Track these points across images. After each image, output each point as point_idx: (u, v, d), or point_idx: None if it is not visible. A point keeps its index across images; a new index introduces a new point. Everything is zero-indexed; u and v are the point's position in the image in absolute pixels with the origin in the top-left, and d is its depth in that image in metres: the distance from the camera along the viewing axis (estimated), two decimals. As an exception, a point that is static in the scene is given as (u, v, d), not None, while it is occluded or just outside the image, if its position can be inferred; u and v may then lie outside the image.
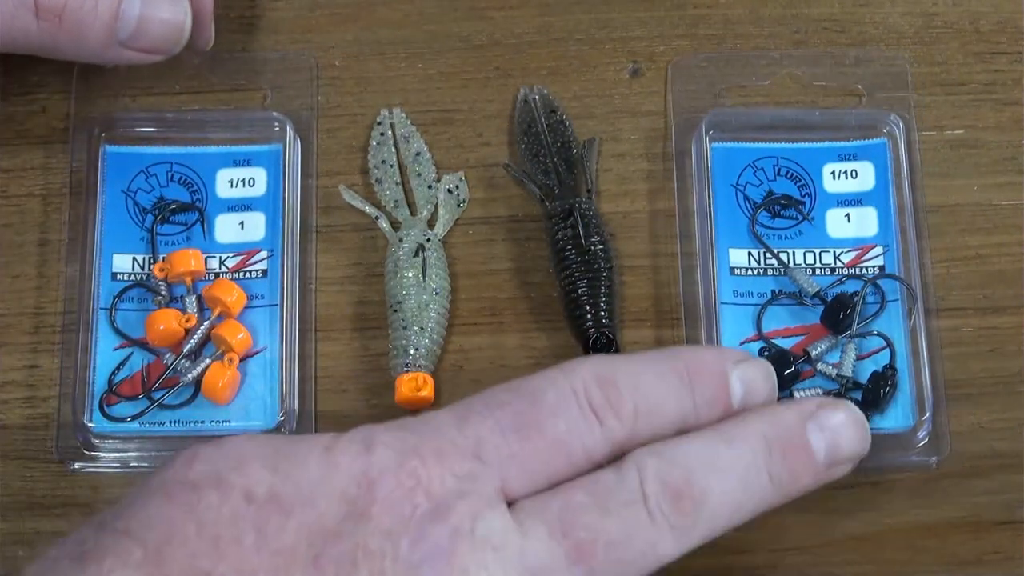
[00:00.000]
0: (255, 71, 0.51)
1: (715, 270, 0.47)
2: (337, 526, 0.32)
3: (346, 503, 0.33)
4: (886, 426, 0.45)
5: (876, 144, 0.49)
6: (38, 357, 0.47)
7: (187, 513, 0.32)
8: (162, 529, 0.32)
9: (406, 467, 0.34)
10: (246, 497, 0.32)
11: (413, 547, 0.32)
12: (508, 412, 0.35)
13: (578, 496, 0.35)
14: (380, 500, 0.33)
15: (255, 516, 0.32)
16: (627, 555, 0.35)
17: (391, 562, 0.32)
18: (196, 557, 0.31)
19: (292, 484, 0.33)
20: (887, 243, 0.48)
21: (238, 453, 0.34)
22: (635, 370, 0.37)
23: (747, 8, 0.52)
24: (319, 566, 0.32)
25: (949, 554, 0.45)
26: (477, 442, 0.35)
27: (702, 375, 0.38)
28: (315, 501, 0.33)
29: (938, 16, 0.52)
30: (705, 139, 0.49)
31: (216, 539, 0.31)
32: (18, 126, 0.50)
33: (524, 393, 0.36)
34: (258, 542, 0.32)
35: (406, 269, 0.47)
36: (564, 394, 0.36)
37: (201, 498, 0.32)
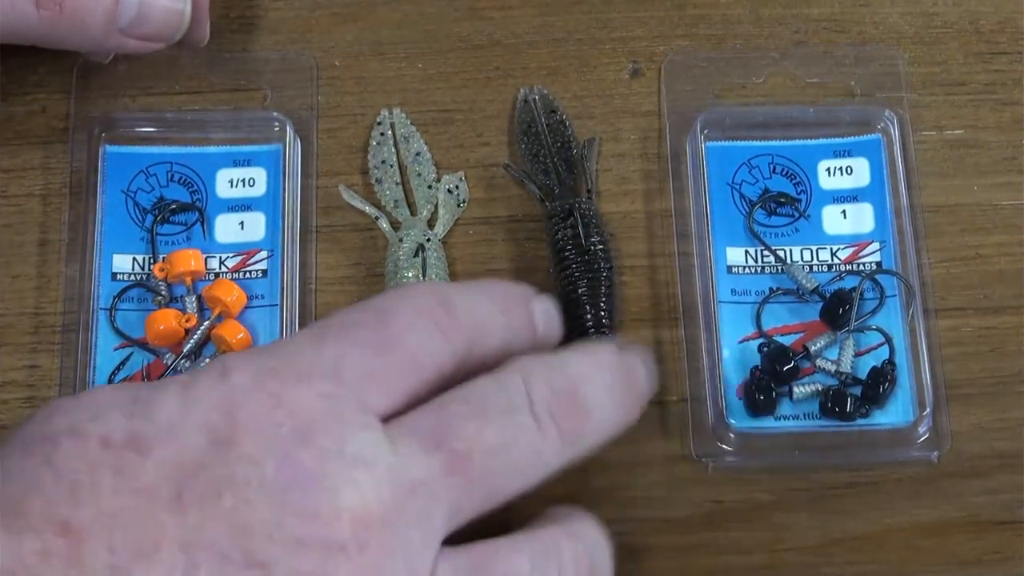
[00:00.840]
0: (255, 71, 0.51)
1: (713, 269, 0.47)
2: (199, 458, 0.32)
3: (207, 432, 0.32)
4: (886, 422, 0.45)
5: (870, 140, 0.49)
6: (38, 357, 0.47)
7: (44, 464, 0.31)
8: (19, 481, 0.31)
9: (266, 388, 0.33)
10: (103, 443, 0.32)
11: (279, 471, 0.32)
12: (362, 331, 0.36)
13: (453, 406, 0.35)
14: (242, 425, 0.32)
15: (113, 460, 0.31)
16: (509, 464, 0.35)
17: (257, 489, 0.32)
18: (54, 505, 0.31)
19: (150, 424, 0.32)
20: (883, 239, 0.48)
21: (94, 403, 0.33)
22: (466, 293, 0.38)
23: (747, 8, 0.52)
24: (182, 501, 0.31)
25: (949, 554, 0.45)
26: (335, 361, 0.35)
27: (514, 304, 0.40)
28: (174, 436, 0.32)
29: (938, 16, 0.53)
30: (700, 138, 0.49)
31: (74, 486, 0.31)
32: (18, 126, 0.50)
33: (373, 311, 0.36)
34: (117, 485, 0.31)
35: (406, 269, 0.47)
36: (410, 312, 0.36)
37: (58, 448, 0.32)
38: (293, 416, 0.33)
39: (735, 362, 0.46)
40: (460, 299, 0.38)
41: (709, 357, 0.46)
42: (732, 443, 0.45)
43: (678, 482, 0.46)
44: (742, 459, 0.45)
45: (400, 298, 0.37)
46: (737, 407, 0.46)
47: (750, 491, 0.46)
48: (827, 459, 0.45)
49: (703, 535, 0.45)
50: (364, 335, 0.36)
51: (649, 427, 0.46)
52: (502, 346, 0.39)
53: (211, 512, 0.31)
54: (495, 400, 0.36)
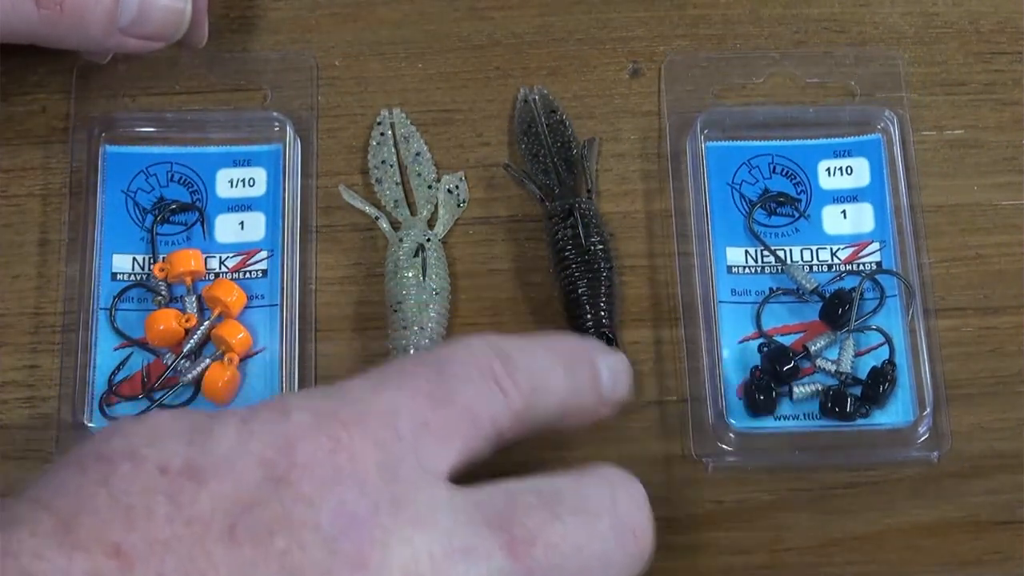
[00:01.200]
0: (255, 71, 0.51)
1: (713, 269, 0.47)
2: (254, 493, 0.32)
3: (263, 468, 0.32)
4: (886, 421, 0.45)
5: (870, 140, 0.49)
6: (38, 357, 0.47)
7: (99, 484, 0.31)
8: (73, 499, 0.31)
9: (325, 430, 0.33)
10: (160, 469, 0.32)
11: (334, 517, 0.32)
12: (420, 381, 0.35)
13: (527, 497, 0.35)
14: (299, 465, 0.32)
15: (168, 487, 0.31)
16: (575, 565, 0.35)
17: (311, 532, 0.31)
18: (107, 527, 0.30)
19: (207, 454, 0.32)
20: (884, 239, 0.48)
21: (154, 428, 0.33)
22: (528, 349, 0.38)
23: (747, 8, 0.52)
24: (234, 536, 0.31)
25: (949, 554, 0.45)
26: (393, 409, 0.34)
27: (578, 361, 0.39)
28: (231, 469, 0.32)
29: (938, 16, 0.53)
30: (700, 138, 0.49)
31: (128, 510, 0.31)
32: (18, 126, 0.50)
33: (432, 364, 0.36)
34: (171, 512, 0.31)
35: (406, 269, 0.47)
36: (468, 365, 0.36)
37: (114, 470, 0.32)
38: (351, 462, 0.33)
39: (735, 362, 0.46)
40: (520, 354, 0.37)
41: (709, 357, 0.46)
42: (732, 443, 0.45)
43: (678, 482, 0.46)
44: (742, 459, 0.45)
45: (458, 350, 0.37)
46: (737, 407, 0.46)
47: (750, 491, 0.46)
48: (827, 459, 0.46)
49: (703, 535, 0.45)
50: (421, 385, 0.35)
51: (649, 427, 0.46)
52: (564, 404, 0.38)
53: (263, 550, 0.31)
54: (572, 498, 0.36)
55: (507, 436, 0.37)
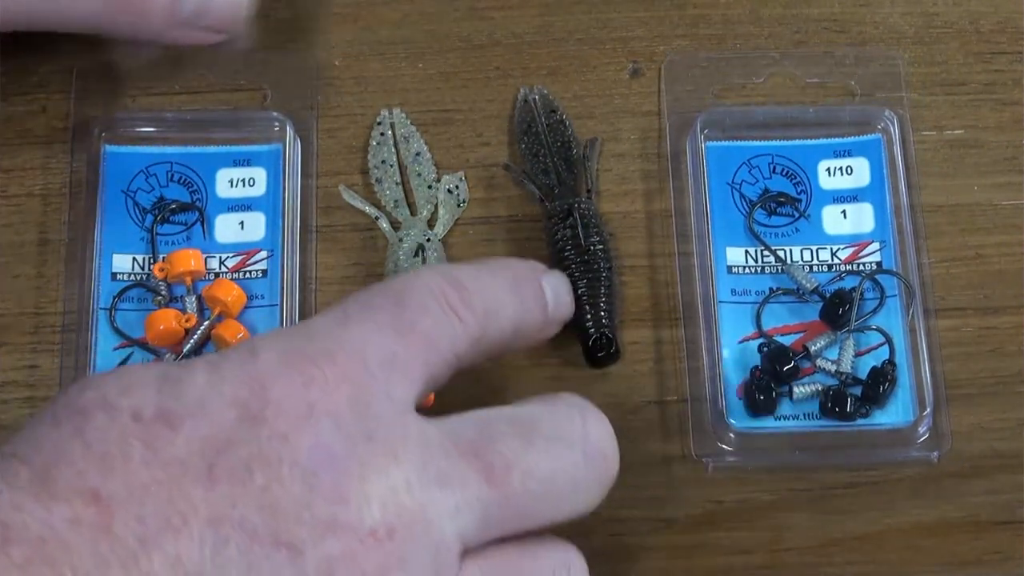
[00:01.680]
0: (255, 71, 0.51)
1: (713, 269, 0.47)
2: (230, 434, 0.32)
3: (237, 408, 0.32)
4: (887, 421, 0.45)
5: (871, 140, 0.49)
6: (38, 357, 0.47)
7: (74, 435, 0.32)
8: (49, 451, 0.31)
9: (296, 367, 0.33)
10: (134, 416, 0.32)
11: (310, 453, 0.32)
12: (382, 314, 0.36)
13: (499, 425, 0.35)
14: (272, 403, 0.32)
15: (143, 433, 0.31)
16: (549, 491, 0.35)
17: (288, 468, 0.32)
18: (84, 475, 0.31)
19: (180, 399, 0.32)
20: (884, 239, 0.48)
21: (125, 379, 0.33)
22: (478, 274, 0.39)
23: (747, 8, 0.52)
24: (212, 476, 0.31)
25: (949, 554, 0.45)
26: (361, 343, 0.35)
27: (525, 282, 0.40)
28: (204, 411, 0.32)
29: (938, 16, 0.53)
30: (700, 138, 0.49)
31: (104, 457, 0.31)
32: (18, 126, 0.50)
33: (391, 295, 0.36)
34: (147, 457, 0.31)
35: (406, 269, 0.47)
36: (425, 295, 0.37)
37: (88, 420, 0.32)
38: (324, 397, 0.33)
39: (735, 362, 0.46)
40: (471, 280, 0.38)
41: (709, 357, 0.46)
42: (732, 443, 0.45)
43: (678, 482, 0.46)
44: (742, 459, 0.45)
45: (413, 281, 0.37)
46: (737, 407, 0.46)
47: (750, 491, 0.46)
48: (827, 459, 0.45)
49: (703, 535, 0.45)
50: (383, 318, 0.36)
51: (649, 427, 0.46)
52: (515, 324, 0.39)
53: (241, 489, 0.31)
54: (546, 425, 0.36)
55: (465, 361, 0.37)
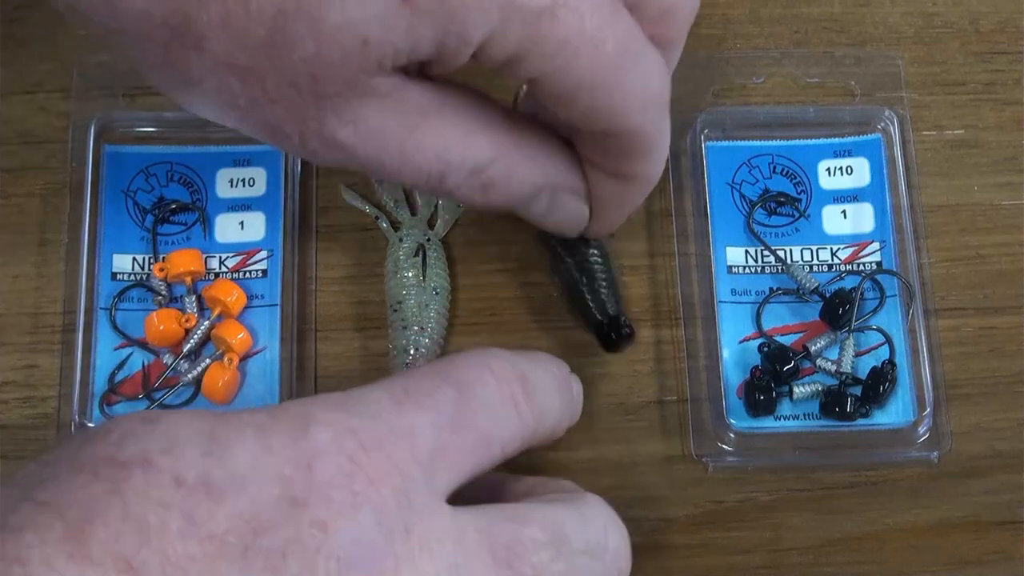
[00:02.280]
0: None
1: (713, 269, 0.47)
2: (270, 514, 0.31)
3: (280, 486, 0.31)
4: (887, 422, 0.45)
5: (871, 140, 0.49)
6: (38, 357, 0.47)
7: (112, 493, 0.30)
8: (86, 507, 0.30)
9: (345, 450, 0.32)
10: (175, 481, 0.31)
11: (348, 545, 0.31)
12: (444, 402, 0.35)
13: (532, 531, 0.35)
14: (316, 487, 0.32)
15: (183, 501, 0.30)
16: None
17: (323, 559, 0.31)
18: (119, 541, 0.30)
19: (223, 467, 0.31)
20: (884, 239, 0.48)
21: (168, 433, 0.32)
22: (537, 370, 0.38)
23: (747, 8, 0.52)
24: (247, 558, 0.30)
25: (949, 554, 0.45)
26: (413, 431, 0.34)
27: (565, 384, 0.40)
28: (247, 486, 0.31)
29: (938, 16, 0.53)
30: (700, 138, 0.49)
31: (141, 523, 0.30)
32: (18, 126, 0.50)
33: (455, 384, 0.36)
34: (185, 530, 0.30)
35: (406, 269, 0.47)
36: (492, 388, 0.36)
37: (127, 477, 0.31)
38: (369, 487, 0.32)
39: (735, 362, 0.46)
40: (533, 375, 0.38)
41: (709, 357, 0.46)
42: (732, 443, 0.45)
43: (678, 482, 0.46)
44: (742, 459, 0.45)
45: (483, 372, 0.36)
46: (737, 407, 0.46)
47: (750, 491, 0.46)
48: (827, 459, 0.46)
49: (703, 535, 0.45)
50: (444, 408, 0.35)
51: (649, 427, 0.46)
52: (556, 426, 0.39)
53: (275, 574, 0.30)
54: (576, 538, 0.35)
55: (508, 456, 0.37)
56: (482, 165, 0.38)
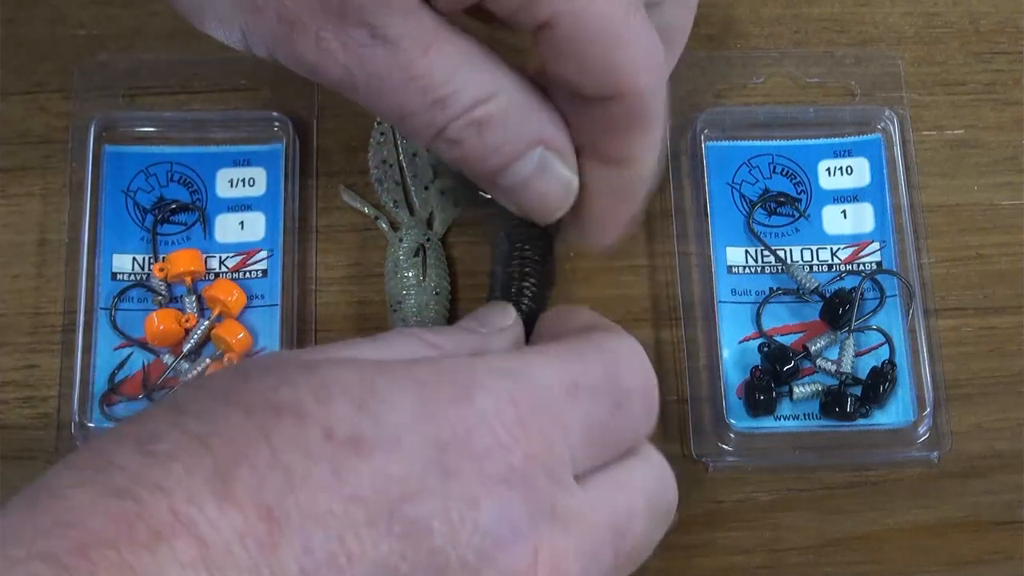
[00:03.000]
0: (255, 71, 0.50)
1: (713, 269, 0.47)
2: (419, 480, 0.30)
3: (435, 451, 0.30)
4: (887, 422, 0.45)
5: (871, 140, 0.49)
6: (38, 357, 0.47)
7: (262, 438, 0.29)
8: (235, 447, 0.29)
9: (506, 424, 0.31)
10: (325, 433, 0.29)
11: (495, 522, 0.30)
12: (596, 371, 0.34)
13: (637, 499, 0.35)
14: (470, 456, 0.30)
15: (331, 455, 0.29)
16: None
17: (468, 534, 0.30)
18: (263, 486, 0.28)
19: (379, 424, 0.30)
20: (884, 239, 0.48)
21: (326, 382, 0.31)
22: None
23: (747, 8, 0.52)
24: (390, 523, 0.29)
25: (949, 554, 0.45)
26: (569, 413, 0.33)
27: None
28: (400, 448, 0.30)
29: (938, 16, 0.53)
30: (700, 138, 0.49)
31: (287, 472, 0.29)
32: (18, 126, 0.50)
33: (622, 390, 0.35)
34: (330, 484, 0.29)
35: (406, 269, 0.47)
36: (640, 395, 0.36)
37: (279, 423, 0.29)
38: (524, 462, 0.31)
39: (735, 362, 0.46)
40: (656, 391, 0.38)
41: (709, 357, 0.46)
42: (732, 443, 0.45)
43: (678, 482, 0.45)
44: (742, 459, 0.45)
45: (646, 377, 0.36)
46: (737, 407, 0.46)
47: (750, 491, 0.46)
48: (827, 459, 0.46)
49: (703, 535, 0.45)
50: (597, 377, 0.34)
51: (649, 427, 0.46)
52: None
53: (414, 544, 0.29)
54: (660, 502, 0.36)
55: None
56: (484, 96, 0.36)
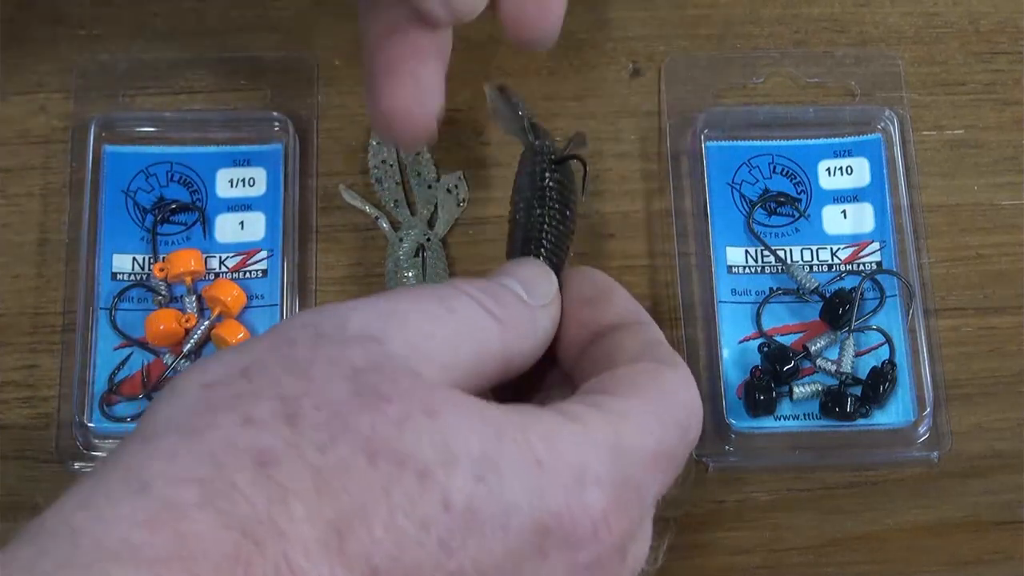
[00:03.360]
0: (255, 71, 0.51)
1: (713, 269, 0.47)
2: (517, 563, 0.30)
3: (539, 535, 0.30)
4: (887, 421, 0.45)
5: (871, 140, 0.49)
6: (38, 357, 0.47)
7: (383, 491, 0.28)
8: (356, 497, 0.28)
9: (606, 511, 0.31)
10: (444, 502, 0.29)
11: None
12: (673, 437, 0.34)
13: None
14: (570, 543, 0.30)
15: (445, 525, 0.29)
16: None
17: None
18: (375, 550, 0.28)
19: (493, 502, 0.29)
20: (883, 239, 0.48)
21: (451, 441, 0.29)
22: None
23: (747, 8, 0.52)
24: None
25: (949, 554, 0.45)
26: (651, 469, 0.33)
27: None
28: (508, 528, 0.29)
29: (938, 16, 0.53)
30: (700, 138, 0.49)
31: (400, 536, 0.28)
32: (18, 126, 0.50)
33: (679, 408, 0.35)
34: (437, 557, 0.28)
35: (406, 269, 0.47)
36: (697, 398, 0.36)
37: (402, 480, 0.29)
38: (610, 549, 0.31)
39: (735, 362, 0.46)
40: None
41: (709, 357, 0.46)
42: (732, 443, 0.45)
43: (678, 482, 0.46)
44: (742, 459, 0.45)
45: (696, 396, 0.36)
46: (737, 407, 0.46)
47: (750, 491, 0.46)
48: (827, 459, 0.46)
49: (703, 535, 0.45)
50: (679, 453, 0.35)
51: (649, 427, 0.46)
52: None
53: None
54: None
55: None
56: None
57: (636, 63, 0.52)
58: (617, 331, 0.37)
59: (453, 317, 0.33)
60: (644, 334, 0.37)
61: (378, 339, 0.31)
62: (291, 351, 0.30)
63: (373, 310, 0.32)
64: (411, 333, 0.32)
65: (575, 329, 0.37)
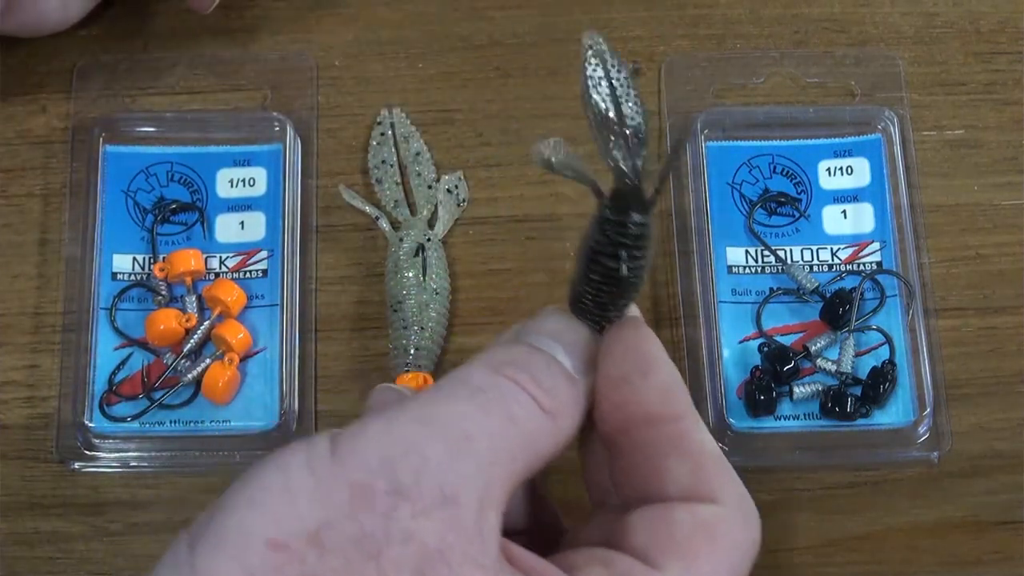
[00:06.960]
0: (255, 71, 0.51)
1: (713, 269, 0.47)
2: None
3: None
4: (887, 422, 0.46)
5: (871, 140, 0.49)
6: (38, 357, 0.47)
7: None
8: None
9: None
10: None
11: None
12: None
13: None
14: None
15: None
16: None
17: None
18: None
19: None
20: (884, 239, 0.48)
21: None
22: None
23: (747, 8, 0.52)
24: None
25: (949, 554, 0.45)
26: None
27: None
28: None
29: (938, 16, 0.53)
30: (700, 138, 0.49)
31: None
32: (18, 126, 0.50)
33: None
34: None
35: (406, 269, 0.47)
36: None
37: None
38: None
39: (735, 362, 0.46)
40: None
41: (709, 357, 0.46)
42: (732, 443, 0.45)
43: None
44: (742, 459, 0.45)
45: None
46: (737, 407, 0.46)
47: (750, 491, 0.45)
48: (827, 459, 0.46)
49: (703, 535, 0.45)
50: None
51: (649, 427, 0.46)
52: None
53: None
54: None
55: None
56: None
57: (636, 63, 0.51)
58: (659, 435, 0.32)
59: (516, 429, 0.31)
60: (689, 443, 0.33)
61: (455, 500, 0.29)
62: (368, 517, 0.28)
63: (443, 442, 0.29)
64: (482, 484, 0.29)
65: (607, 408, 0.33)
